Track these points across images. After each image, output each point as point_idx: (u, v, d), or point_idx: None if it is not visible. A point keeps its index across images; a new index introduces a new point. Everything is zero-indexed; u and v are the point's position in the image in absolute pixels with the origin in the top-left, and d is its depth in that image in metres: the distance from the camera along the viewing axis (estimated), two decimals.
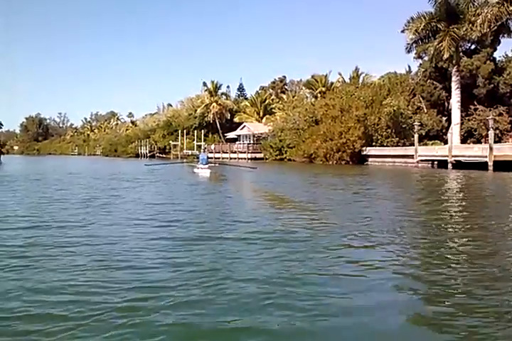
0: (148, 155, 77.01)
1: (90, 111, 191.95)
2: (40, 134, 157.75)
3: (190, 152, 62.21)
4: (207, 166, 23.79)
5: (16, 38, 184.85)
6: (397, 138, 40.25)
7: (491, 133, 27.78)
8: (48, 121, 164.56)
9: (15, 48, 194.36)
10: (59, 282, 4.48)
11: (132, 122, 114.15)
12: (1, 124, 57.62)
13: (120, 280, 4.52)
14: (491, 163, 26.10)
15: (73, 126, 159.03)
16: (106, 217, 8.73)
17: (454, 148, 30.35)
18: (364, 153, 39.20)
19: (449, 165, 29.20)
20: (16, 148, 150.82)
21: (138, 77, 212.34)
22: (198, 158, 26.57)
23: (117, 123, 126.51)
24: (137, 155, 79.98)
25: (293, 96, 59.80)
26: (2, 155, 56.08)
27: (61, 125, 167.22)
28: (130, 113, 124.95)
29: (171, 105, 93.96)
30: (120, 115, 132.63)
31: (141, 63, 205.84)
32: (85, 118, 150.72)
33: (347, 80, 56.93)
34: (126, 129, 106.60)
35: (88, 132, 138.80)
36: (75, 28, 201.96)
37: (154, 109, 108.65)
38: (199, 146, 64.20)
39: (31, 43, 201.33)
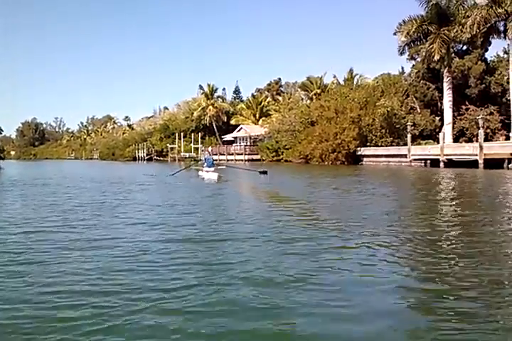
0: (146, 158, 77.62)
1: (86, 115, 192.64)
2: (36, 139, 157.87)
3: (187, 154, 62.83)
4: (213, 169, 22.51)
5: (10, 43, 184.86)
6: (391, 138, 40.98)
7: (481, 132, 28.58)
8: (44, 125, 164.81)
9: (10, 52, 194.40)
10: (71, 283, 4.60)
11: (129, 126, 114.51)
12: (1, 130, 57.90)
13: (128, 282, 4.62)
14: (481, 161, 26.88)
15: (69, 131, 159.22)
16: (116, 220, 8.71)
17: (446, 147, 31.14)
18: (359, 153, 39.94)
19: (441, 164, 29.99)
20: (12, 153, 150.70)
21: (134, 81, 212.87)
22: (203, 160, 25.13)
23: (114, 127, 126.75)
24: (134, 159, 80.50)
25: (288, 98, 60.46)
26: (1, 161, 56.48)
27: (57, 129, 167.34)
28: (127, 116, 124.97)
29: (167, 108, 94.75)
30: (117, 119, 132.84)
31: (137, 67, 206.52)
32: (81, 123, 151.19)
33: (341, 82, 57.70)
34: (123, 133, 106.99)
35: (85, 136, 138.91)
36: (71, 32, 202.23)
37: (151, 112, 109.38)
38: (196, 149, 64.92)
39: (26, 47, 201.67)
